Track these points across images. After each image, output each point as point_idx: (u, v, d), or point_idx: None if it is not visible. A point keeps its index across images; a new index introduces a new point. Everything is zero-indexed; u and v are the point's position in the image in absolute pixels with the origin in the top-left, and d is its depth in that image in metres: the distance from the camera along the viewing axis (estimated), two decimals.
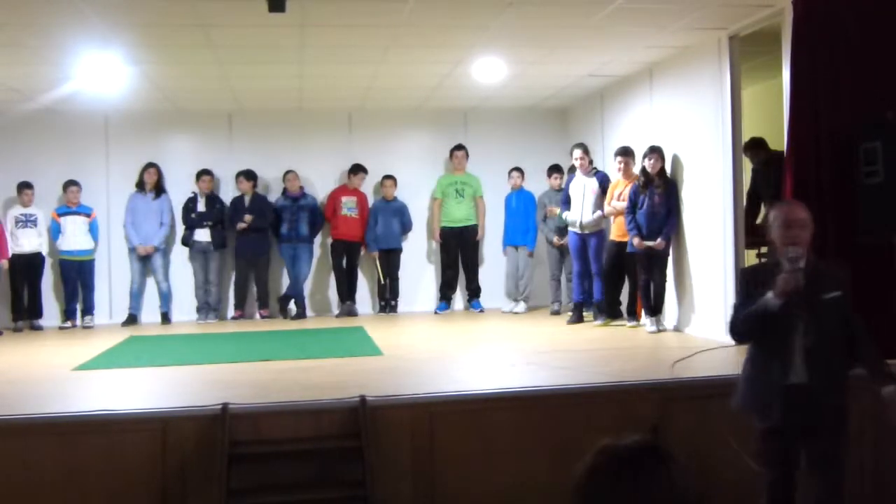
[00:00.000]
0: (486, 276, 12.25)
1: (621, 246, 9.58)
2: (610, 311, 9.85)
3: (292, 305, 11.76)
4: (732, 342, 5.19)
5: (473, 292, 12.10)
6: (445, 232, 12.01)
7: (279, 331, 10.51)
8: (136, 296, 11.53)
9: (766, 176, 9.07)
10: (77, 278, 11.26)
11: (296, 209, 11.65)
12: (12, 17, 7.22)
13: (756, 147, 9.18)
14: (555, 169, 11.52)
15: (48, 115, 11.28)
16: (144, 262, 11.50)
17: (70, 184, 11.24)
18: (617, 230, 9.67)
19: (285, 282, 11.89)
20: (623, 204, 9.47)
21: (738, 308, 4.68)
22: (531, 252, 11.93)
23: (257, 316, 11.69)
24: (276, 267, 11.90)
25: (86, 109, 11.19)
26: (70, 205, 11.25)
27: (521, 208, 11.94)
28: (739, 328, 4.68)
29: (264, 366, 7.62)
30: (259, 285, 11.69)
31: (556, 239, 11.21)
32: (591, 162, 10.28)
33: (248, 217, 11.42)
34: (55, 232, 11.24)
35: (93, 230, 11.39)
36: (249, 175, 11.63)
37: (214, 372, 7.40)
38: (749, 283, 4.74)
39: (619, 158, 9.69)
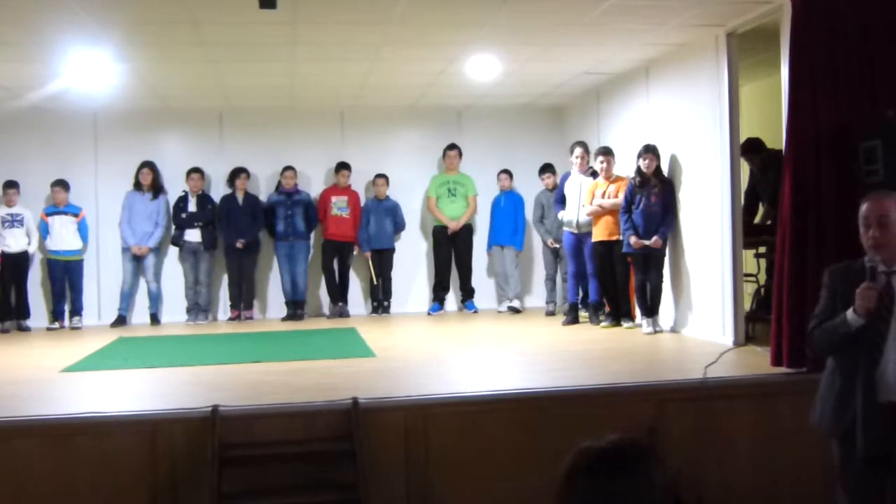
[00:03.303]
0: (480, 278, 12.20)
1: (606, 245, 9.55)
2: (613, 313, 9.73)
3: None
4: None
5: (467, 293, 12.03)
6: (438, 232, 11.93)
7: (270, 332, 10.44)
8: (127, 296, 11.43)
9: (764, 174, 9.01)
10: (65, 278, 11.17)
11: (291, 204, 11.54)
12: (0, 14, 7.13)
13: (753, 150, 9.11)
14: (546, 168, 11.44)
15: (36, 114, 11.18)
16: (137, 262, 11.40)
17: (55, 184, 11.15)
18: (600, 231, 9.61)
19: (277, 280, 11.78)
20: (610, 201, 9.45)
21: (819, 316, 4.19)
22: (519, 252, 11.91)
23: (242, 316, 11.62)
24: (263, 266, 11.83)
25: (75, 108, 11.10)
26: (57, 204, 11.15)
27: (510, 209, 11.94)
28: (819, 346, 4.24)
29: (255, 367, 7.58)
30: (246, 284, 11.62)
31: (550, 241, 11.15)
32: (588, 161, 10.22)
33: (240, 242, 11.35)
34: (44, 232, 11.16)
35: (82, 230, 11.29)
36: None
37: (205, 373, 7.35)
38: (835, 288, 4.19)
39: (600, 158, 9.67)
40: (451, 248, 11.95)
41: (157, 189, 11.45)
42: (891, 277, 4.02)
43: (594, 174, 10.01)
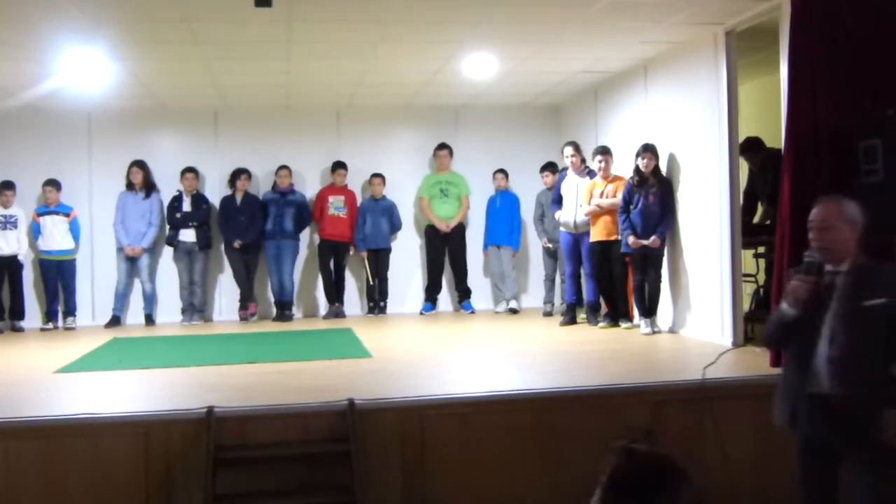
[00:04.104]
0: (476, 278, 12.16)
1: (605, 245, 9.51)
2: (611, 314, 9.69)
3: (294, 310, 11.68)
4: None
5: (463, 293, 11.99)
6: (430, 232, 11.90)
7: (265, 333, 10.40)
8: (122, 297, 11.37)
9: (763, 174, 8.99)
10: (57, 278, 11.11)
11: (283, 204, 11.49)
12: None
13: (752, 149, 9.08)
14: (547, 167, 11.38)
15: (30, 113, 11.13)
16: (131, 262, 11.34)
17: (46, 183, 11.10)
18: (598, 231, 9.58)
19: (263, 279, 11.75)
20: (609, 201, 9.41)
21: (775, 314, 4.51)
22: (515, 252, 11.90)
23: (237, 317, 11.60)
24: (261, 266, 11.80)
25: (68, 107, 11.05)
26: (49, 204, 11.10)
27: (506, 209, 11.92)
28: (767, 337, 4.58)
29: (250, 368, 7.55)
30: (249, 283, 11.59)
31: (544, 240, 11.13)
32: (583, 160, 10.16)
33: (237, 243, 11.33)
34: (35, 232, 11.11)
35: (73, 230, 11.23)
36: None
37: (199, 374, 7.31)
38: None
39: (598, 157, 9.63)
40: (443, 248, 11.92)
41: (149, 188, 11.40)
42: (835, 277, 4.27)
43: (591, 174, 9.96)
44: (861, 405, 4.14)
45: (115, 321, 11.24)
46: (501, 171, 12.02)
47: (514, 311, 11.60)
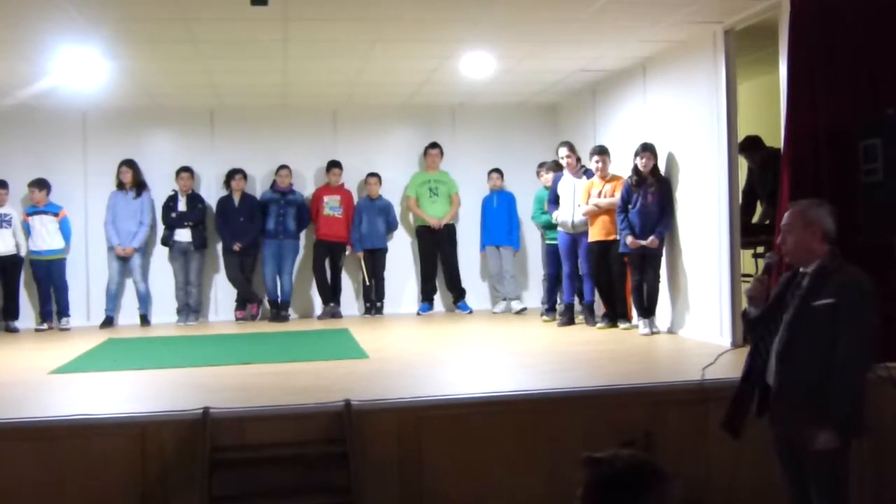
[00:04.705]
0: (473, 278, 12.12)
1: (603, 245, 9.48)
2: (610, 314, 9.65)
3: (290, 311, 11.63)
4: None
5: (458, 293, 11.95)
6: (421, 231, 11.87)
7: (261, 333, 10.36)
8: (114, 297, 11.32)
9: (762, 174, 8.96)
10: (48, 278, 11.05)
11: (284, 204, 11.45)
12: None
13: (752, 147, 9.06)
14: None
15: (24, 112, 11.06)
16: (123, 262, 11.29)
17: (32, 184, 11.01)
18: (597, 231, 9.54)
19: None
20: (607, 201, 9.38)
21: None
22: (516, 252, 11.86)
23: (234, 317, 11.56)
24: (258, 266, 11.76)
25: (63, 106, 11.00)
26: (36, 204, 11.04)
27: (504, 208, 11.89)
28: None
29: (246, 369, 7.54)
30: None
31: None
32: (578, 160, 10.12)
33: (237, 245, 11.29)
34: (26, 233, 11.06)
35: (63, 229, 11.16)
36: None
37: (195, 375, 7.28)
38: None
39: (595, 157, 9.59)
40: (435, 248, 11.88)
41: (139, 187, 11.34)
42: (803, 278, 4.50)
43: (587, 173, 9.92)
44: (795, 403, 4.46)
45: (108, 321, 11.20)
46: (496, 170, 11.98)
47: (520, 312, 11.52)
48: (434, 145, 11.96)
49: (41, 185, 11.06)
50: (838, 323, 4.29)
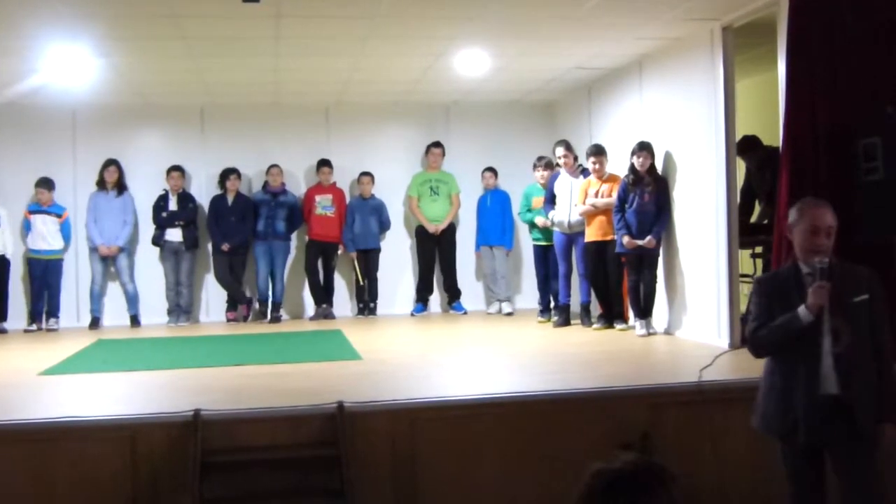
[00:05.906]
0: (468, 279, 12.06)
1: (600, 245, 9.43)
2: (606, 315, 9.59)
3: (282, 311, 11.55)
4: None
5: (454, 294, 11.89)
6: (421, 232, 11.81)
7: (253, 334, 10.30)
8: (98, 298, 11.24)
9: (760, 173, 8.93)
10: (43, 278, 10.98)
11: (274, 205, 11.39)
12: None
13: (750, 149, 9.03)
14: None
15: (13, 110, 10.99)
16: (107, 262, 11.23)
17: (38, 183, 10.97)
18: (593, 231, 9.49)
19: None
20: (604, 201, 9.33)
21: (759, 320, 4.41)
22: (509, 251, 11.81)
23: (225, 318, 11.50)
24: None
25: (52, 104, 10.92)
26: (42, 204, 10.98)
27: (498, 208, 11.82)
28: (765, 345, 4.45)
29: (238, 370, 7.49)
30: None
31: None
32: (575, 159, 10.08)
33: (225, 246, 11.22)
34: (25, 230, 11.02)
35: (64, 231, 11.12)
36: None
37: (186, 377, 7.23)
38: (769, 295, 4.45)
39: (591, 159, 9.54)
40: (434, 249, 11.82)
41: (121, 187, 11.27)
42: (808, 277, 4.34)
43: (584, 172, 9.86)
44: (868, 401, 4.24)
45: (95, 322, 11.14)
46: (490, 169, 11.92)
47: (508, 314, 11.46)
48: (436, 144, 11.90)
49: (49, 185, 11.02)
50: (874, 316, 4.28)
